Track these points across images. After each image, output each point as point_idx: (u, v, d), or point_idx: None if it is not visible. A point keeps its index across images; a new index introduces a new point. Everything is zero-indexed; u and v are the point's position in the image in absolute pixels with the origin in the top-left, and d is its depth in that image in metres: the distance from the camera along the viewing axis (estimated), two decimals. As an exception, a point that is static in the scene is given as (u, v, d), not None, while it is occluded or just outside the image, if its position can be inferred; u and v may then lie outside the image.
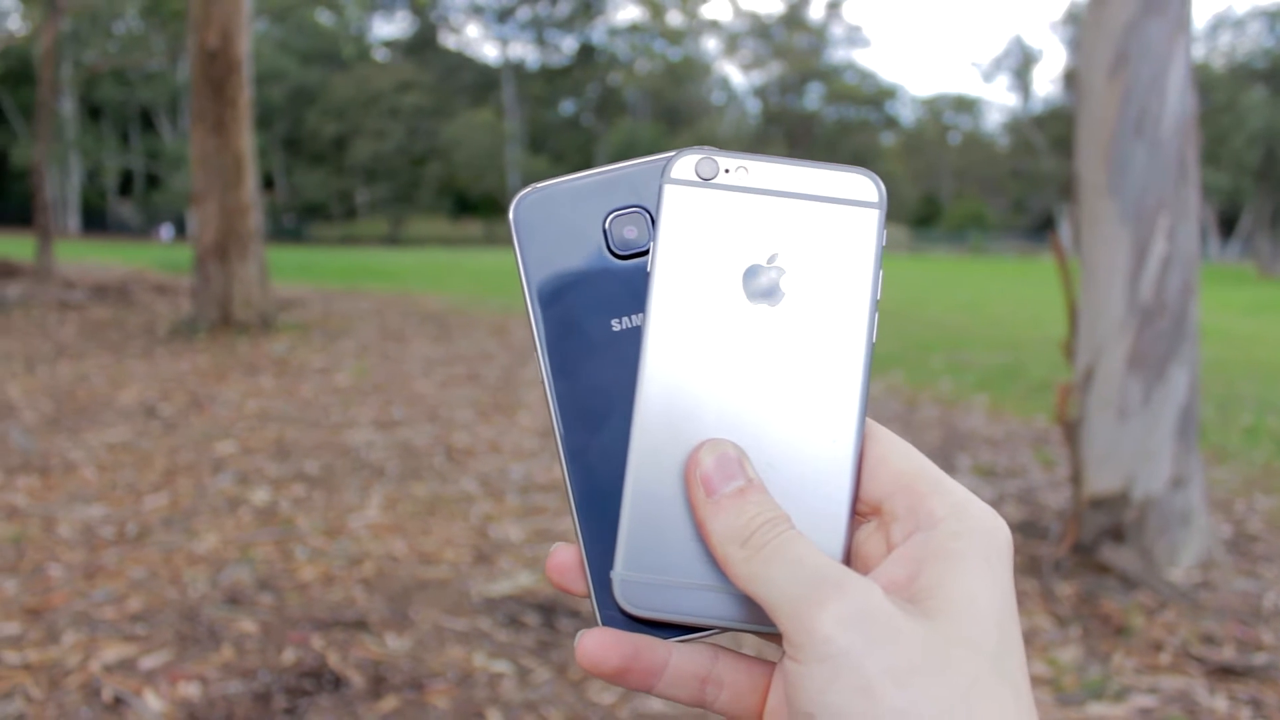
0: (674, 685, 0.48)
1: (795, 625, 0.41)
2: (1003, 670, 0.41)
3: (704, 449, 0.46)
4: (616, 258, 0.51)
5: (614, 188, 0.52)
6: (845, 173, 0.49)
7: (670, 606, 0.47)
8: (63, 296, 13.49)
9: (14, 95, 46.96)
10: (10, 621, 3.21)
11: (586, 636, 0.47)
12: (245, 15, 10.30)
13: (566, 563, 0.50)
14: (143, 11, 34.60)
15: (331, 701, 2.74)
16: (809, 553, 0.43)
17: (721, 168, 0.49)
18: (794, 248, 0.49)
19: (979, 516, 0.45)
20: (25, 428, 5.87)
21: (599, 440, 0.50)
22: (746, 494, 0.45)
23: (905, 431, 6.15)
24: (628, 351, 0.50)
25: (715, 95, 72.85)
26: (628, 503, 0.47)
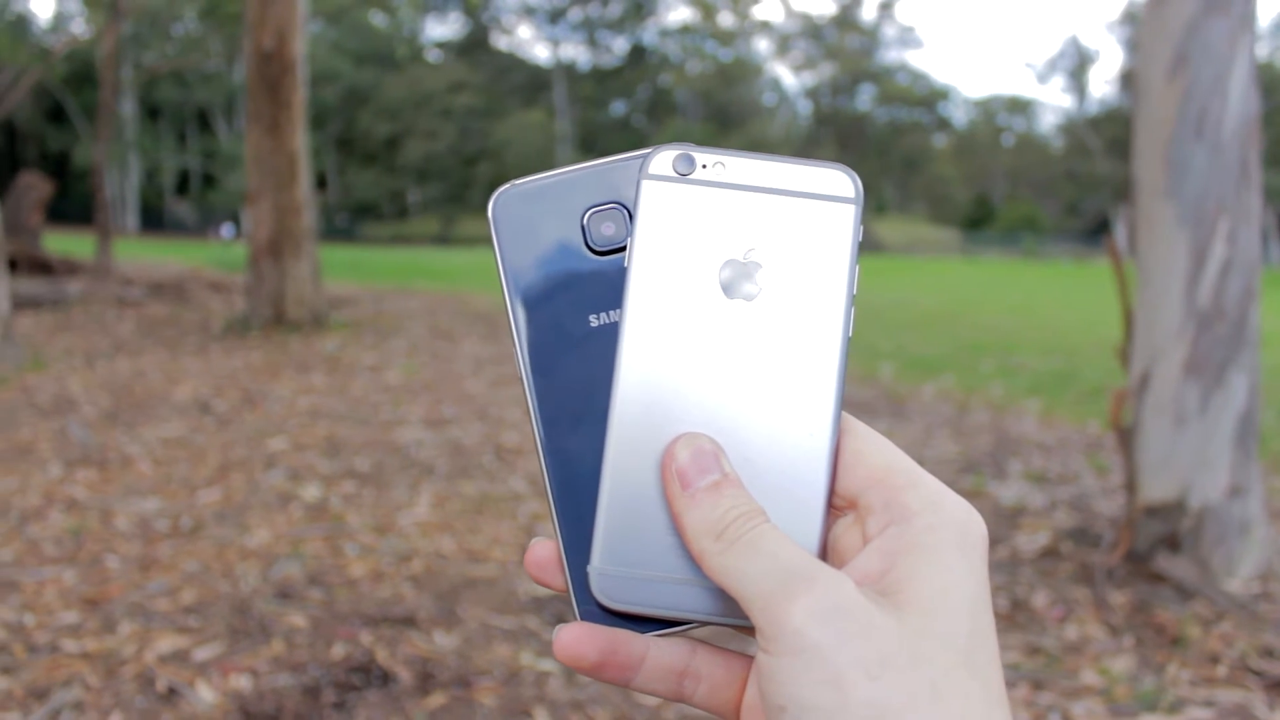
0: (652, 679, 0.48)
1: (767, 618, 0.42)
2: (974, 663, 0.41)
3: (680, 443, 0.47)
4: (594, 254, 0.51)
5: (592, 184, 0.52)
6: (822, 168, 0.50)
7: (647, 600, 0.47)
8: (121, 294, 13.73)
9: (77, 97, 47.87)
10: (69, 611, 3.28)
11: (564, 630, 0.47)
12: (300, 17, 10.43)
13: (545, 558, 0.50)
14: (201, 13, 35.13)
15: (379, 697, 2.76)
16: (782, 546, 0.43)
17: (699, 163, 0.49)
18: (771, 243, 0.49)
19: (953, 510, 0.45)
20: (85, 422, 5.98)
21: (577, 435, 0.50)
22: (721, 488, 0.45)
23: (955, 436, 6.10)
24: (605, 347, 0.50)
25: (766, 96, 72.63)
26: (605, 497, 0.48)
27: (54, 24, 47.83)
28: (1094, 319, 14.21)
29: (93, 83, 35.04)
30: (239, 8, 22.72)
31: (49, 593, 3.43)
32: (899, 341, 11.10)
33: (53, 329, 10.28)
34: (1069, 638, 3.20)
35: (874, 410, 6.87)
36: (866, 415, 6.66)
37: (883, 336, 11.54)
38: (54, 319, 11.06)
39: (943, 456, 5.55)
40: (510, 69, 67.13)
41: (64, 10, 49.32)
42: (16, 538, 3.97)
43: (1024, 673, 2.95)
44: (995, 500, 4.69)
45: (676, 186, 0.49)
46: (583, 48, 68.97)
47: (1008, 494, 4.79)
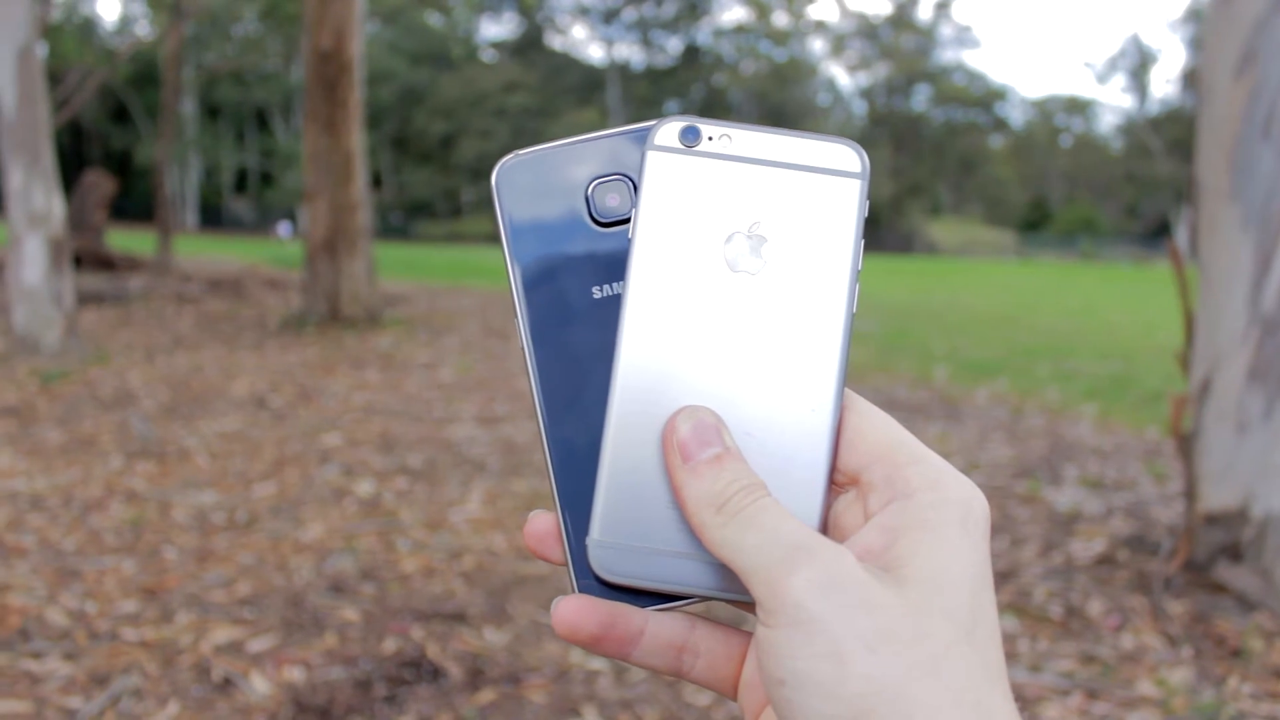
0: (650, 653, 0.48)
1: (767, 591, 0.41)
2: (974, 639, 0.41)
3: (681, 415, 0.46)
4: (598, 225, 0.51)
5: (597, 155, 0.52)
6: (829, 143, 0.49)
7: (646, 574, 0.47)
8: (180, 290, 13.96)
9: (140, 97, 48.75)
10: (129, 600, 3.34)
11: (562, 603, 0.47)
12: (358, 17, 10.54)
13: (544, 530, 0.50)
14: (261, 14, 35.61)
15: (430, 692, 2.78)
16: (783, 519, 0.43)
17: (705, 135, 0.49)
18: (776, 216, 0.49)
19: (956, 487, 0.45)
20: (144, 415, 6.09)
21: (578, 407, 0.50)
22: (723, 461, 0.45)
23: (1010, 440, 6.03)
24: (608, 318, 0.49)
25: (821, 97, 72.21)
26: (605, 469, 0.47)
27: (120, 26, 48.76)
28: (1153, 323, 13.98)
29: (155, 83, 35.65)
30: (298, 8, 23.00)
31: (109, 582, 3.49)
32: (953, 344, 11.00)
33: (115, 324, 10.48)
34: (1125, 647, 3.14)
35: (928, 412, 6.81)
36: (920, 417, 6.60)
37: (937, 339, 11.44)
38: (116, 314, 11.27)
39: (997, 460, 5.49)
40: (564, 69, 67.34)
41: (129, 13, 50.24)
42: (79, 527, 4.05)
43: (1078, 681, 2.91)
44: (1050, 506, 4.63)
45: (682, 158, 0.49)
46: (637, 48, 69.01)
47: (1063, 499, 4.73)
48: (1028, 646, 3.15)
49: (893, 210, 61.91)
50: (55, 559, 3.70)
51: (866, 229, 0.50)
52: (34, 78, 8.09)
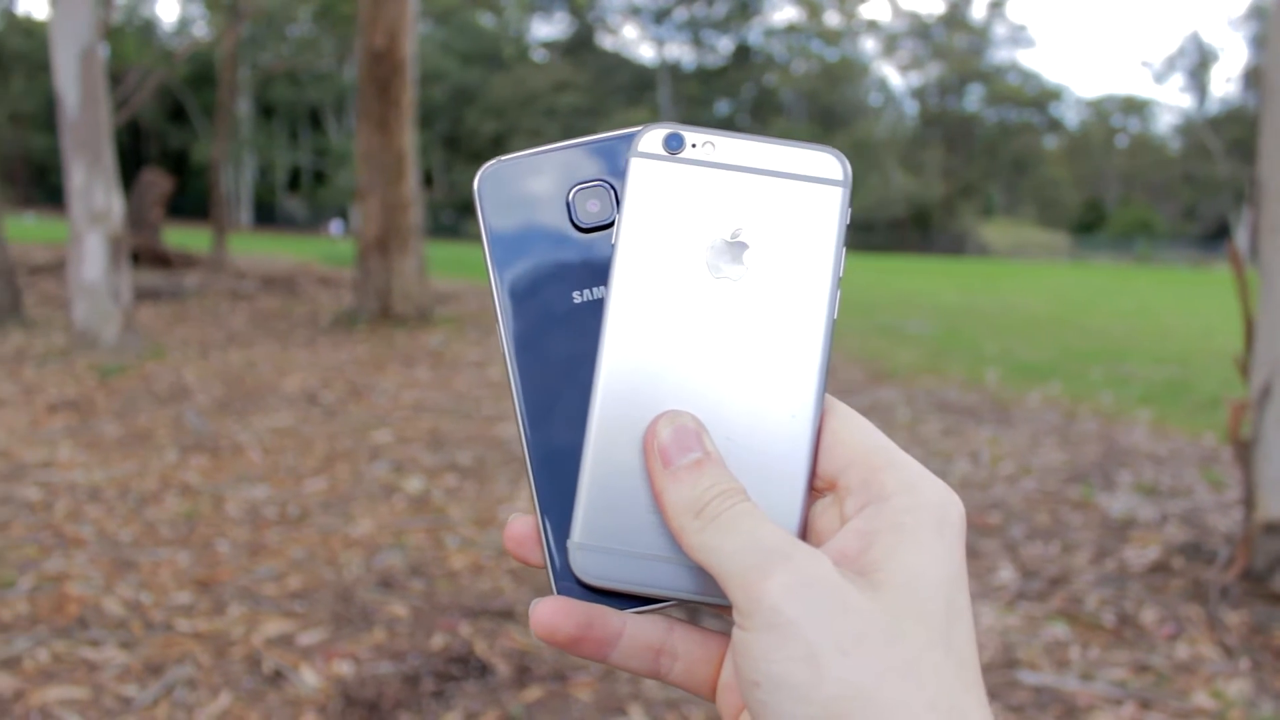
0: (628, 656, 0.48)
1: (743, 594, 0.42)
2: (949, 642, 0.41)
3: (662, 420, 0.47)
4: (580, 230, 0.51)
5: (579, 161, 0.52)
6: (811, 150, 0.49)
7: (626, 577, 0.47)
8: (234, 286, 14.16)
9: (197, 97, 49.50)
10: (183, 591, 3.39)
11: (541, 604, 0.47)
12: (411, 17, 10.63)
13: (523, 533, 0.50)
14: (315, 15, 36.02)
15: (477, 688, 2.80)
16: (761, 524, 0.43)
17: (688, 142, 0.49)
18: (758, 224, 0.49)
19: (931, 491, 0.45)
20: (199, 410, 6.18)
21: (558, 411, 0.50)
22: (703, 466, 0.45)
23: (1062, 444, 5.95)
24: (589, 323, 0.50)
25: (872, 97, 71.75)
26: (586, 473, 0.47)
27: (178, 27, 49.55)
28: (1211, 327, 13.74)
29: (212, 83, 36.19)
30: (352, 9, 23.23)
31: (164, 573, 3.55)
32: (1005, 346, 10.88)
33: (170, 320, 10.65)
34: (1180, 657, 3.09)
35: (979, 415, 6.74)
36: (971, 420, 6.54)
37: (989, 341, 11.32)
38: (172, 310, 11.46)
39: (1049, 465, 5.42)
40: (615, 69, 67.45)
41: (187, 14, 51.01)
42: (135, 519, 4.12)
43: (1131, 691, 2.87)
44: (1103, 512, 4.57)
45: (665, 165, 0.49)
46: (688, 47, 68.96)
47: (1116, 506, 4.66)
48: (1079, 654, 3.11)
49: (944, 212, 61.36)
50: (112, 550, 3.76)
51: (915, 229, 0.50)
52: (96, 79, 8.25)
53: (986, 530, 4.29)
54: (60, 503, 4.29)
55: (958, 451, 5.68)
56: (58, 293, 11.90)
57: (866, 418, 0.50)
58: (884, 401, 7.15)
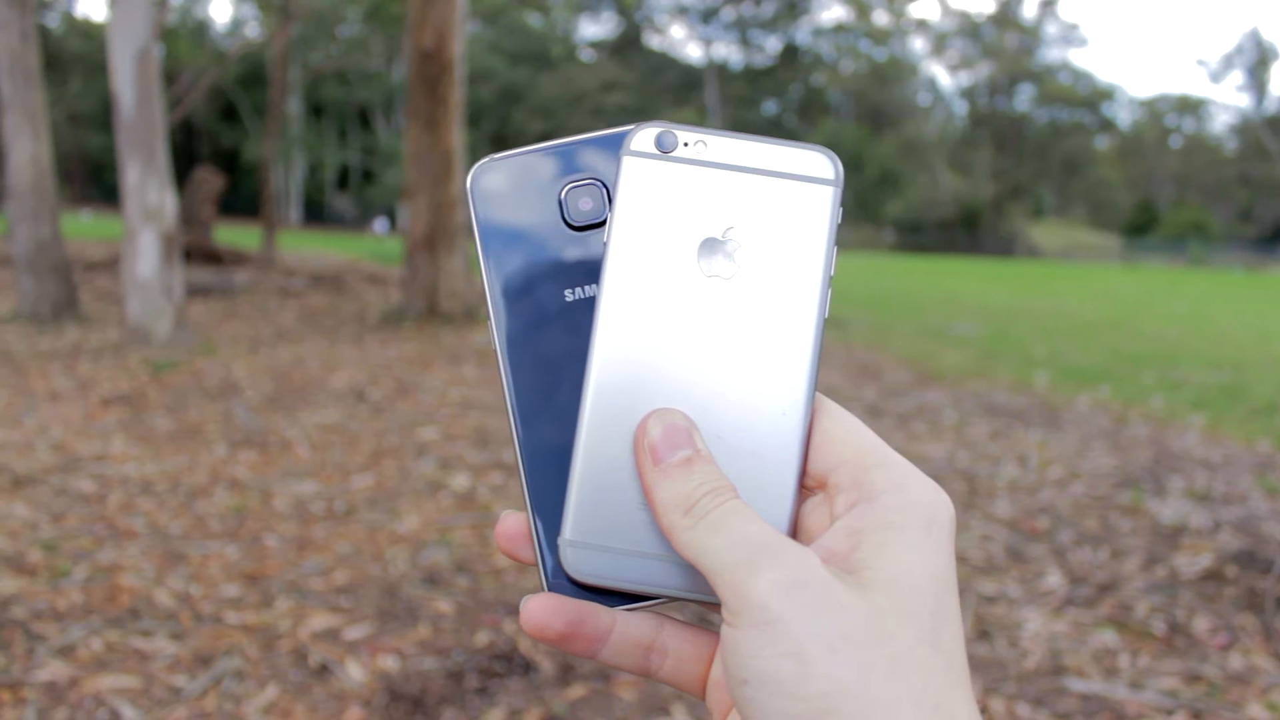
0: (618, 653, 0.49)
1: (732, 592, 0.42)
2: (937, 641, 0.41)
3: (653, 418, 0.47)
4: (572, 229, 0.52)
5: (571, 159, 0.53)
6: (803, 150, 0.50)
7: (616, 574, 0.48)
8: (284, 284, 14.32)
9: (248, 96, 50.13)
10: (231, 584, 3.43)
11: (531, 601, 0.48)
12: (459, 17, 10.69)
13: (514, 530, 0.51)
14: (365, 15, 36.40)
15: (521, 685, 2.81)
16: (750, 522, 0.44)
17: (680, 141, 0.50)
18: (750, 222, 0.49)
19: (920, 490, 0.45)
20: (248, 405, 6.26)
21: (549, 408, 0.51)
22: (693, 463, 0.46)
23: (1112, 449, 5.87)
24: (581, 321, 0.50)
25: (921, 96, 71.19)
26: (577, 470, 0.48)
27: (231, 28, 50.20)
28: (1268, 331, 13.49)
29: (263, 83, 36.63)
30: (401, 9, 23.39)
31: (213, 566, 3.60)
32: (1054, 349, 10.75)
33: (221, 316, 10.79)
34: (1233, 667, 3.04)
35: (1027, 419, 6.66)
36: (1019, 423, 6.47)
37: (1038, 343, 11.20)
38: (222, 307, 11.61)
39: (1098, 470, 5.35)
40: (662, 68, 67.47)
41: (240, 15, 51.68)
42: (186, 512, 4.18)
43: (1183, 701, 2.82)
44: (1154, 518, 4.50)
45: (657, 163, 0.50)
46: (735, 47, 68.83)
47: (1168, 512, 4.59)
48: (1128, 662, 3.06)
49: (994, 213, 60.74)
50: (163, 542, 3.82)
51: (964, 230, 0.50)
52: (151, 79, 8.37)
53: (1034, 535, 4.24)
54: (113, 495, 4.36)
55: (1005, 455, 5.63)
56: (112, 289, 12.10)
57: (913, 420, 0.50)
58: (931, 403, 7.09)
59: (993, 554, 4.00)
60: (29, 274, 9.67)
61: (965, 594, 3.56)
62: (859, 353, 9.92)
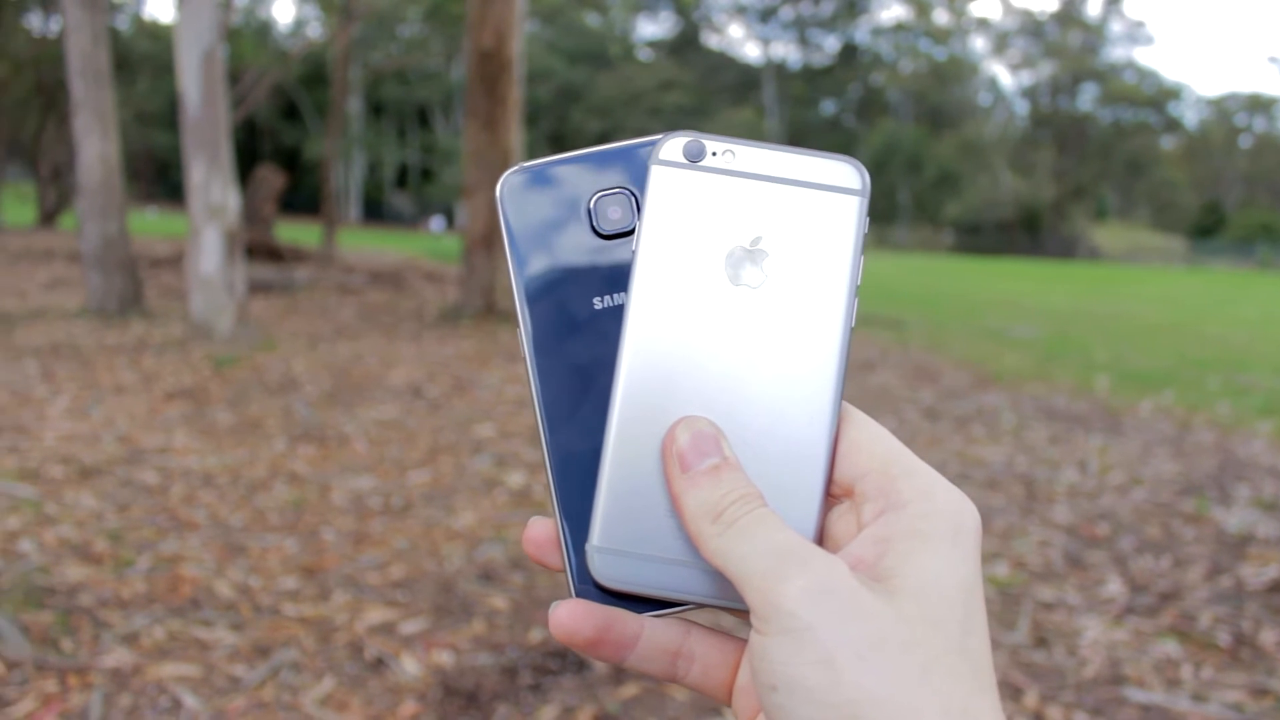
0: (646, 658, 0.49)
1: (761, 599, 0.42)
2: (965, 649, 0.42)
3: (681, 426, 0.48)
4: (600, 237, 0.52)
5: (600, 168, 0.53)
6: (831, 160, 0.50)
7: (644, 580, 0.48)
8: (343, 281, 14.49)
9: (309, 95, 50.80)
10: (289, 576, 3.48)
11: (560, 607, 0.48)
12: (518, 17, 10.74)
13: (542, 536, 0.51)
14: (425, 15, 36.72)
15: (574, 683, 2.82)
16: (778, 529, 0.44)
17: (709, 151, 0.50)
18: (777, 232, 0.50)
19: (947, 499, 0.45)
20: (307, 401, 6.34)
21: (578, 416, 0.51)
22: (721, 471, 0.46)
23: (1175, 456, 5.76)
24: (609, 329, 0.51)
25: (982, 96, 70.36)
26: (605, 476, 0.48)
27: (294, 28, 50.91)
28: (1338, 337, 13.15)
29: (324, 82, 37.13)
30: (461, 9, 23.57)
31: (272, 559, 3.65)
32: (1116, 353, 10.58)
33: (282, 312, 10.95)
34: (1300, 678, 2.97)
35: (1087, 424, 6.56)
36: (1079, 428, 6.37)
37: (1099, 347, 11.02)
38: (283, 303, 11.77)
39: (1161, 477, 5.25)
40: (720, 68, 67.33)
41: (302, 15, 52.40)
42: (246, 505, 4.24)
43: (1249, 715, 2.76)
44: (1219, 526, 4.41)
45: (686, 173, 0.50)
46: (793, 46, 68.52)
47: (1233, 521, 4.49)
48: (1191, 674, 3.00)
49: (1054, 214, 59.91)
50: (223, 534, 3.88)
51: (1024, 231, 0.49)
52: (216, 79, 8.52)
53: (1094, 541, 4.18)
54: (176, 487, 4.44)
55: (1065, 460, 5.55)
56: (176, 285, 12.33)
57: (972, 423, 0.50)
58: (989, 407, 7.00)
59: (1051, 560, 3.94)
60: (97, 270, 9.88)
61: (1022, 600, 3.52)
62: (916, 354, 9.84)
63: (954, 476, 5.08)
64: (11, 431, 5.26)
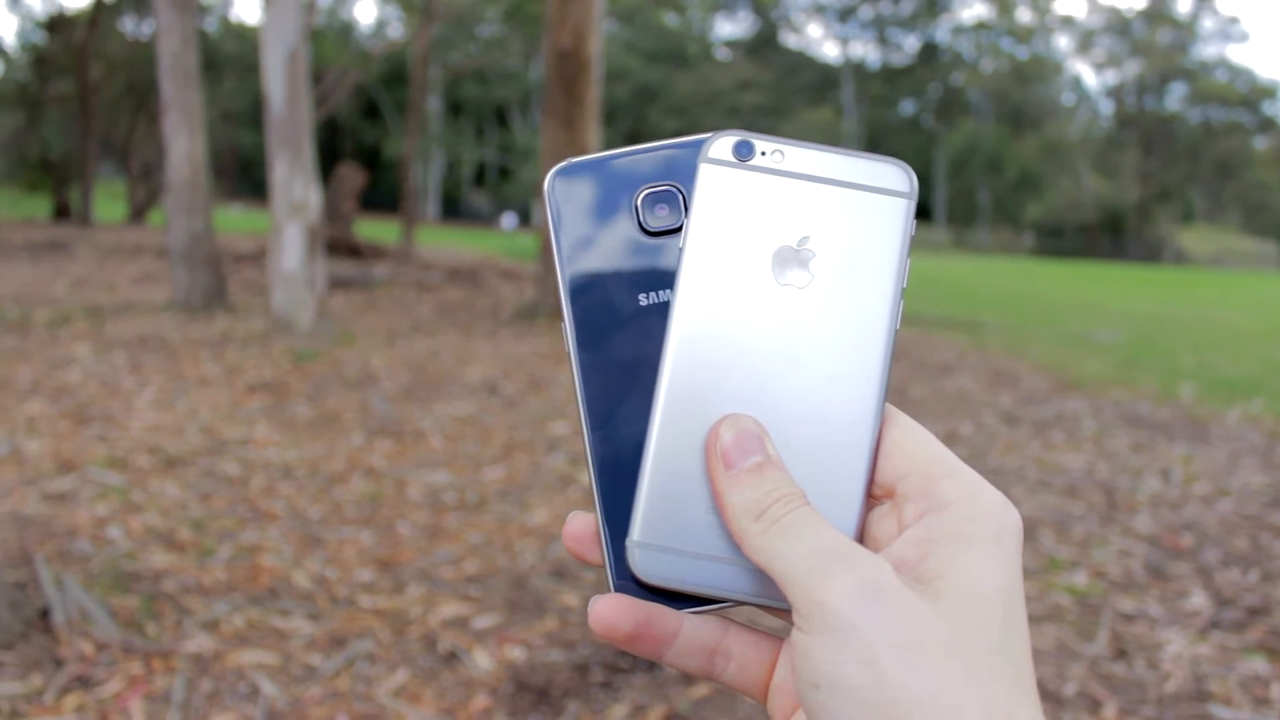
0: (683, 655, 0.49)
1: (805, 597, 0.43)
2: (1007, 652, 0.42)
3: (725, 423, 0.48)
4: (647, 234, 0.53)
5: (648, 165, 0.53)
6: (878, 162, 0.51)
7: (684, 577, 0.48)
8: (421, 277, 14.67)
9: (390, 95, 51.51)
10: (365, 569, 3.54)
11: (600, 601, 0.48)
12: (596, 17, 10.78)
13: (582, 531, 0.51)
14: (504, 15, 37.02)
15: (645, 681, 2.82)
16: (821, 528, 0.44)
17: (758, 150, 0.50)
18: (824, 232, 0.50)
19: (990, 501, 0.46)
20: (385, 396, 6.43)
21: (621, 411, 0.51)
22: (764, 469, 0.47)
23: (1265, 467, 5.59)
24: (654, 325, 0.51)
25: (1065, 96, 69.04)
26: (647, 473, 0.48)
27: (375, 29, 51.69)
28: None
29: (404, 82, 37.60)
30: (540, 9, 23.74)
31: (349, 551, 3.71)
32: (1203, 359, 10.30)
33: (360, 308, 11.12)
34: (1395, 699, 2.87)
35: (1171, 432, 6.40)
36: (1163, 436, 6.22)
37: (1184, 353, 10.75)
38: (362, 299, 11.96)
39: (1248, 488, 5.10)
40: (798, 67, 66.94)
41: (383, 16, 53.18)
42: (324, 498, 4.32)
43: (1338, 732, 2.67)
44: (1310, 539, 4.27)
45: (735, 172, 0.50)
46: (873, 46, 67.88)
47: (1326, 534, 4.35)
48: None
49: (1139, 217, 58.56)
50: (302, 526, 3.96)
51: (1107, 234, 0.49)
52: (299, 78, 8.68)
53: (1177, 552, 4.08)
54: (256, 479, 4.53)
55: (1147, 468, 5.42)
56: (259, 280, 12.58)
57: (1051, 429, 0.49)
58: (1069, 412, 6.87)
59: (1132, 570, 3.85)
60: (183, 265, 10.12)
61: (1101, 610, 3.45)
62: (995, 358, 9.68)
63: (1032, 483, 4.99)
64: (101, 421, 5.41)
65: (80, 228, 22.51)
